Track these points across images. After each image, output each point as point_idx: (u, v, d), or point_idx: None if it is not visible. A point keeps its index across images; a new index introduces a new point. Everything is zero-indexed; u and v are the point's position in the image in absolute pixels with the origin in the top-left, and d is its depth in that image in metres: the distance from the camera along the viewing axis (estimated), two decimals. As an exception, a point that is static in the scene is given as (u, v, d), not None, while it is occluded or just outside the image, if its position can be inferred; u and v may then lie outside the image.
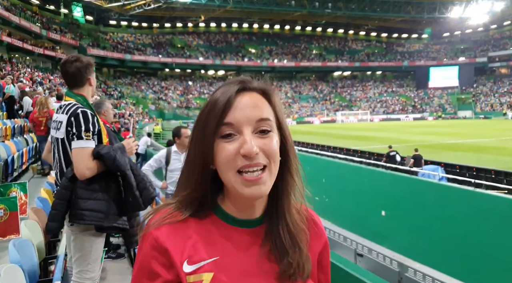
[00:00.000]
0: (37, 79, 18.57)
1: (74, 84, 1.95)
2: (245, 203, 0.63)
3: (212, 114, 0.60)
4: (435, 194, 6.85)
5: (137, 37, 47.92)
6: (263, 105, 0.62)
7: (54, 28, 35.35)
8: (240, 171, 0.58)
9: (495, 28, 55.48)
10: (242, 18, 52.41)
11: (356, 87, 54.97)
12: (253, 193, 0.59)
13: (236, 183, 0.59)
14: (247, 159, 0.58)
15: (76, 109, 1.85)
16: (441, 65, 53.02)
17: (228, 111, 0.59)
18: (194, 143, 0.62)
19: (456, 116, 45.78)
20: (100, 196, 1.81)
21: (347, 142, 17.54)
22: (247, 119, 0.59)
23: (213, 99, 0.62)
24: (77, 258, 1.88)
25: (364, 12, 49.65)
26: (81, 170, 1.78)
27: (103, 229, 1.85)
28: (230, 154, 0.58)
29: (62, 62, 1.96)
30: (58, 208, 1.80)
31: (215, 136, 0.60)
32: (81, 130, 1.80)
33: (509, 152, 14.85)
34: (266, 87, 0.64)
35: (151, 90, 43.81)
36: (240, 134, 0.59)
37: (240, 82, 0.63)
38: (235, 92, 0.61)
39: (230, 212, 0.64)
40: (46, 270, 2.41)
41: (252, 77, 0.65)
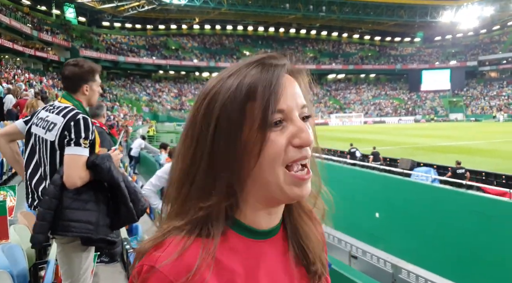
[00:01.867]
0: (33, 82, 18.32)
1: (68, 88, 1.89)
2: (276, 207, 0.55)
3: (258, 99, 0.49)
4: (428, 195, 6.91)
5: (130, 39, 47.68)
6: (300, 90, 0.54)
7: (46, 29, 34.96)
8: (288, 168, 0.50)
9: (485, 33, 56.51)
10: (236, 21, 52.55)
11: (350, 89, 55.41)
12: (301, 193, 0.51)
13: (285, 183, 0.50)
14: (300, 150, 0.50)
15: (76, 114, 1.75)
16: (433, 68, 53.75)
17: (280, 96, 0.50)
18: (223, 136, 0.49)
19: (447, 119, 46.39)
20: (89, 206, 1.71)
21: (341, 144, 17.64)
22: (296, 105, 0.51)
23: (250, 80, 0.50)
24: (65, 271, 1.80)
25: (358, 16, 50.16)
26: (73, 179, 1.68)
27: (92, 241, 1.74)
28: (282, 145, 0.49)
29: (64, 64, 1.93)
30: (47, 218, 1.67)
31: (264, 125, 0.49)
32: (80, 137, 1.71)
33: (500, 154, 15.09)
34: (294, 68, 0.55)
35: (145, 92, 43.57)
36: (289, 121, 0.51)
37: (279, 60, 0.53)
38: (282, 74, 0.52)
39: (252, 224, 0.54)
40: (36, 275, 2.36)
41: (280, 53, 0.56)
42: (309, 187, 0.52)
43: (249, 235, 0.53)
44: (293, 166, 0.51)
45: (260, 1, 45.77)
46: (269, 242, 0.56)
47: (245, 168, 0.50)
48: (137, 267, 0.49)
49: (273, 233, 0.56)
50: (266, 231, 0.55)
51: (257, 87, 0.49)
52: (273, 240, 0.56)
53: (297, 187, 0.51)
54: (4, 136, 1.95)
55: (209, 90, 0.52)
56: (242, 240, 0.53)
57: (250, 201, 0.53)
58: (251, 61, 0.53)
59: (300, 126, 0.50)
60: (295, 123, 0.50)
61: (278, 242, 0.57)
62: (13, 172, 6.00)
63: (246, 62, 0.53)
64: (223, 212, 0.51)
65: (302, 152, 0.50)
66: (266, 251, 0.55)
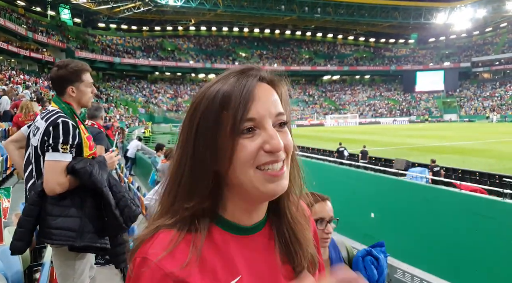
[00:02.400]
0: (28, 84, 18.16)
1: (55, 90, 1.84)
2: (255, 205, 0.58)
3: (230, 109, 0.53)
4: (423, 195, 6.97)
5: (126, 40, 47.48)
6: (277, 98, 0.57)
7: (41, 30, 34.71)
8: (259, 168, 0.54)
9: (478, 34, 57.11)
10: (232, 22, 52.58)
11: (345, 91, 55.66)
12: (276, 188, 0.54)
13: (257, 181, 0.53)
14: (271, 155, 0.53)
15: (57, 118, 1.68)
16: (427, 69, 54.18)
17: (251, 105, 0.53)
18: (201, 142, 0.54)
19: (442, 120, 46.77)
20: (72, 212, 1.65)
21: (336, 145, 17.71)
22: (268, 113, 0.54)
23: (225, 90, 0.54)
24: (59, 274, 1.77)
25: (353, 17, 50.45)
26: (51, 185, 1.62)
27: (76, 249, 1.68)
28: (252, 151, 0.53)
29: None
30: (25, 225, 1.62)
31: (235, 132, 0.53)
32: (58, 142, 1.64)
33: (493, 154, 15.25)
34: (274, 78, 0.59)
35: (140, 93, 43.40)
36: (261, 129, 0.54)
37: (255, 71, 0.57)
38: (255, 83, 0.55)
39: (236, 221, 0.57)
40: (31, 278, 2.36)
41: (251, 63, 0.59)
42: (284, 184, 0.55)
43: (232, 231, 0.57)
44: (265, 166, 0.54)
45: (255, 3, 45.85)
46: (252, 238, 0.58)
47: (221, 171, 0.54)
48: (131, 262, 0.53)
49: (256, 229, 0.59)
50: (248, 227, 0.58)
51: (230, 96, 0.53)
52: (257, 236, 0.59)
53: (271, 183, 0.53)
54: (12, 142, 1.96)
55: (196, 98, 0.56)
56: (225, 235, 0.56)
57: (231, 200, 0.57)
58: (231, 72, 0.57)
59: (271, 134, 0.53)
60: (267, 130, 0.53)
61: (262, 238, 0.59)
62: (7, 173, 5.95)
63: (228, 72, 0.57)
64: (207, 210, 0.55)
65: (272, 156, 0.53)
66: (248, 246, 0.57)
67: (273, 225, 0.61)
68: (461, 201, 6.18)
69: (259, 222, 0.59)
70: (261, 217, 0.60)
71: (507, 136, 23.27)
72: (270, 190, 0.54)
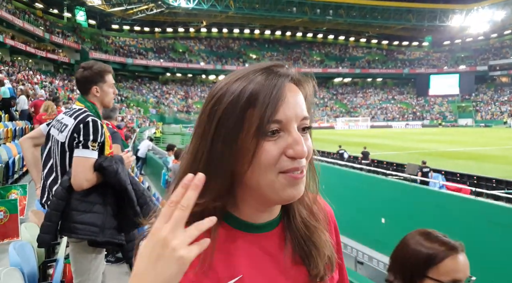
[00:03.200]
0: (46, 84, 18.60)
1: (80, 91, 1.92)
2: (269, 206, 0.56)
3: (257, 107, 0.50)
4: (436, 202, 6.83)
5: (139, 42, 48.21)
6: (303, 100, 0.54)
7: (57, 31, 35.62)
8: (281, 172, 0.51)
9: (496, 37, 55.84)
10: (243, 24, 52.79)
11: (357, 94, 55.14)
12: (294, 193, 0.52)
13: (279, 185, 0.51)
14: (293, 161, 0.51)
15: (86, 117, 1.77)
16: (442, 73, 53.25)
17: (280, 106, 0.50)
18: (221, 138, 0.51)
19: (456, 124, 45.85)
20: (96, 208, 1.72)
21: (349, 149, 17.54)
22: (295, 116, 0.52)
23: (253, 87, 0.51)
24: (75, 270, 1.83)
25: (365, 20, 50.02)
26: (80, 181, 1.69)
27: (98, 244, 1.75)
28: (275, 155, 0.50)
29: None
30: (53, 219, 1.69)
31: (259, 133, 0.50)
32: (88, 139, 1.72)
33: (510, 161, 14.83)
34: (301, 78, 0.56)
35: (152, 94, 43.95)
36: (286, 131, 0.51)
37: (285, 70, 0.54)
38: (285, 84, 0.52)
39: (245, 218, 0.56)
40: (45, 273, 2.40)
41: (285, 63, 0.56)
42: (302, 188, 0.53)
43: (240, 228, 0.55)
44: (288, 171, 0.51)
45: (267, 5, 45.94)
46: (263, 236, 0.56)
47: (239, 171, 0.52)
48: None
49: (267, 227, 0.57)
50: (258, 224, 0.56)
51: (258, 95, 0.50)
52: (269, 235, 0.57)
53: (291, 187, 0.51)
54: (29, 139, 2.00)
55: (216, 92, 0.53)
56: (231, 232, 0.55)
57: (244, 199, 0.55)
58: (259, 68, 0.54)
59: (296, 138, 0.51)
60: (292, 134, 0.51)
61: (274, 237, 0.57)
62: (24, 170, 6.10)
63: (255, 68, 0.54)
64: (219, 208, 0.52)
65: (294, 163, 0.51)
66: (257, 244, 0.55)
67: (286, 226, 0.59)
68: (475, 208, 6.04)
69: (271, 220, 0.57)
70: (273, 216, 0.58)
71: (524, 142, 22.63)
72: (289, 195, 0.52)
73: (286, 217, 0.59)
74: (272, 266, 0.55)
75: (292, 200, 0.53)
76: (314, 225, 0.59)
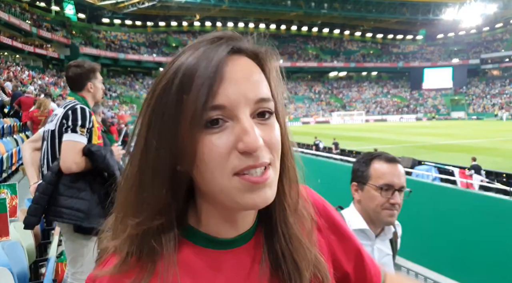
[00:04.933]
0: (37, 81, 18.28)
1: (73, 87, 2.02)
2: (235, 216, 0.45)
3: (190, 92, 0.39)
4: (429, 194, 6.90)
5: (130, 36, 47.58)
6: (261, 78, 0.42)
7: (45, 25, 34.85)
8: (236, 174, 0.40)
9: (488, 30, 56.20)
10: (237, 18, 52.34)
11: (352, 88, 55.25)
12: (257, 200, 0.40)
13: (234, 189, 0.40)
14: (248, 156, 0.39)
15: (75, 105, 1.88)
16: (435, 66, 53.55)
17: (219, 87, 0.39)
18: (154, 136, 0.40)
19: (449, 117, 46.28)
20: (83, 195, 1.78)
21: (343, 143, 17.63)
22: (244, 99, 0.40)
23: (185, 66, 0.40)
24: (70, 259, 1.88)
25: (360, 13, 49.92)
26: (68, 163, 1.75)
27: (83, 229, 1.79)
28: (221, 153, 0.39)
29: (66, 66, 2.07)
30: (40, 202, 1.75)
31: (195, 125, 0.39)
32: (77, 124, 1.80)
33: (501, 153, 15.05)
34: (260, 50, 0.45)
35: (145, 89, 43.53)
36: (233, 120, 0.40)
37: (228, 40, 0.43)
38: (224, 57, 0.40)
39: (212, 233, 0.45)
40: (36, 273, 2.38)
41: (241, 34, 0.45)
42: (268, 194, 0.41)
43: (206, 245, 0.44)
44: (240, 172, 0.40)
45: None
46: (233, 253, 0.45)
47: (182, 177, 0.41)
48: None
49: (237, 243, 0.46)
50: (227, 240, 0.45)
51: (192, 76, 0.39)
52: (242, 249, 0.46)
53: (250, 193, 0.40)
54: (30, 143, 2.10)
55: (159, 74, 0.43)
56: (196, 250, 0.44)
57: (204, 210, 0.44)
58: (204, 39, 0.43)
59: (245, 127, 0.39)
60: (240, 122, 0.39)
61: (248, 251, 0.46)
62: (13, 169, 6.01)
63: (203, 39, 0.44)
64: (170, 223, 0.42)
65: (249, 160, 0.39)
66: (228, 262, 0.45)
67: (263, 237, 0.47)
68: (468, 199, 6.13)
69: (244, 233, 0.46)
70: (247, 227, 0.46)
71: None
72: (249, 202, 0.40)
73: (264, 227, 0.47)
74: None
75: (256, 208, 0.42)
76: (299, 237, 0.47)
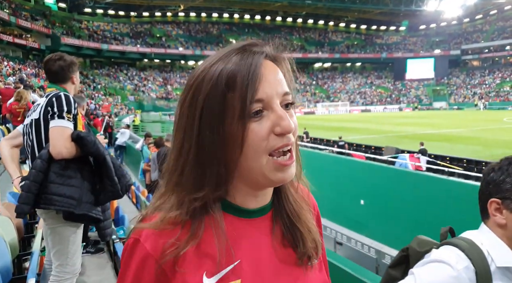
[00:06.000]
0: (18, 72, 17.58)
1: (56, 80, 1.98)
2: (261, 191, 0.56)
3: (237, 90, 0.50)
4: (411, 182, 7.10)
5: (114, 26, 46.21)
6: (282, 76, 0.55)
7: (24, 15, 33.47)
8: (271, 155, 0.51)
9: (468, 22, 57.38)
10: (222, 8, 51.57)
11: (336, 78, 55.67)
12: (285, 177, 0.53)
13: (268, 169, 0.51)
14: (282, 138, 0.51)
15: (58, 93, 1.87)
16: (418, 57, 54.45)
17: (259, 85, 0.50)
18: (208, 128, 0.50)
19: (431, 107, 47.34)
20: (73, 182, 1.78)
21: (328, 133, 17.83)
22: (276, 93, 0.52)
23: (229, 69, 0.50)
24: (56, 251, 1.85)
25: (344, 4, 49.99)
26: (59, 148, 1.74)
27: (74, 216, 1.79)
28: (263, 135, 0.50)
29: (45, 60, 2.00)
30: (32, 190, 1.73)
31: (244, 116, 0.50)
32: (63, 110, 1.79)
33: (480, 142, 15.58)
34: (279, 55, 0.56)
35: (129, 81, 42.61)
36: (269, 110, 0.51)
37: (259, 47, 0.54)
38: (260, 62, 0.52)
39: (240, 204, 0.56)
40: (20, 267, 2.34)
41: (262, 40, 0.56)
42: (292, 172, 0.53)
43: (236, 214, 0.55)
44: (275, 153, 0.51)
45: (246, -12, 45.01)
46: (256, 222, 0.57)
47: (231, 158, 0.51)
48: (127, 241, 0.52)
49: (260, 213, 0.58)
50: (253, 209, 0.57)
51: (236, 77, 0.50)
52: (261, 220, 0.58)
53: (280, 172, 0.52)
54: (6, 140, 2.06)
55: (193, 81, 0.52)
56: (227, 218, 0.54)
57: (238, 186, 0.55)
58: (232, 49, 0.53)
59: (280, 114, 0.51)
60: (276, 111, 0.51)
61: (266, 222, 0.58)
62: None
63: (228, 50, 0.53)
64: (217, 200, 0.53)
65: (284, 139, 0.51)
66: (252, 229, 0.56)
67: (277, 209, 0.60)
68: (450, 187, 6.32)
69: (265, 205, 0.58)
70: (266, 200, 0.58)
71: (492, 123, 23.75)
72: (279, 179, 0.52)
73: (276, 201, 0.60)
74: (267, 250, 0.56)
75: (283, 183, 0.54)
76: (302, 208, 0.61)
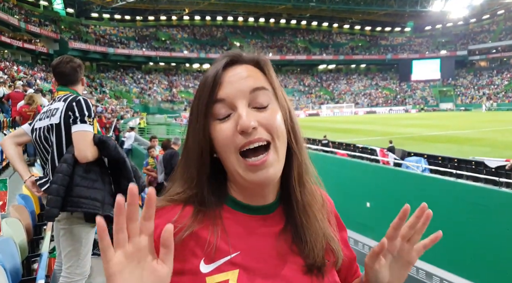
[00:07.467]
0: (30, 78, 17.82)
1: (69, 83, 2.01)
2: (254, 190, 0.57)
3: (202, 94, 0.55)
4: (419, 185, 7.03)
5: (120, 30, 46.71)
6: (256, 75, 0.56)
7: (34, 20, 34.03)
8: (244, 155, 0.52)
9: (475, 22, 56.85)
10: (226, 11, 51.80)
11: (341, 80, 55.47)
12: (260, 178, 0.53)
13: (240, 168, 0.53)
14: (246, 135, 0.52)
15: (76, 97, 1.90)
16: (424, 58, 54.05)
17: (218, 87, 0.54)
18: (191, 130, 0.57)
19: (438, 109, 46.89)
20: (97, 185, 1.84)
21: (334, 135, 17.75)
22: (239, 92, 0.54)
23: (203, 78, 0.57)
24: (67, 253, 1.87)
25: (348, 6, 49.88)
26: (85, 153, 1.79)
27: (93, 219, 1.84)
28: (227, 134, 0.53)
29: (55, 63, 2.01)
30: (60, 194, 1.76)
31: (209, 118, 0.54)
32: (84, 115, 1.84)
33: (487, 143, 15.37)
34: (258, 58, 0.58)
35: (135, 84, 42.97)
36: (235, 110, 0.53)
37: (227, 56, 0.57)
38: (223, 66, 0.56)
39: (241, 200, 0.57)
40: (29, 268, 2.36)
41: (241, 49, 0.60)
42: (269, 173, 0.53)
43: (238, 209, 0.57)
44: (248, 153, 0.52)
45: (250, -9, 45.17)
46: (262, 218, 0.57)
47: (204, 161, 0.56)
48: None
49: (266, 210, 0.58)
50: (257, 206, 0.57)
51: (203, 85, 0.56)
52: (269, 217, 0.58)
53: (253, 173, 0.52)
54: (10, 138, 2.06)
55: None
56: (232, 213, 0.57)
57: (233, 184, 0.58)
58: (219, 57, 0.58)
59: (239, 113, 0.52)
60: (237, 110, 0.53)
61: (272, 220, 0.58)
62: (3, 165, 5.91)
63: (215, 60, 0.58)
64: (214, 195, 0.56)
65: (246, 137, 0.52)
66: (259, 226, 0.57)
67: (285, 210, 0.59)
68: (457, 190, 6.25)
69: (269, 204, 0.58)
70: (270, 200, 0.58)
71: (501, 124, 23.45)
72: (253, 180, 0.53)
73: (286, 201, 0.59)
74: (269, 248, 0.56)
75: (261, 185, 0.54)
76: (314, 212, 0.59)
